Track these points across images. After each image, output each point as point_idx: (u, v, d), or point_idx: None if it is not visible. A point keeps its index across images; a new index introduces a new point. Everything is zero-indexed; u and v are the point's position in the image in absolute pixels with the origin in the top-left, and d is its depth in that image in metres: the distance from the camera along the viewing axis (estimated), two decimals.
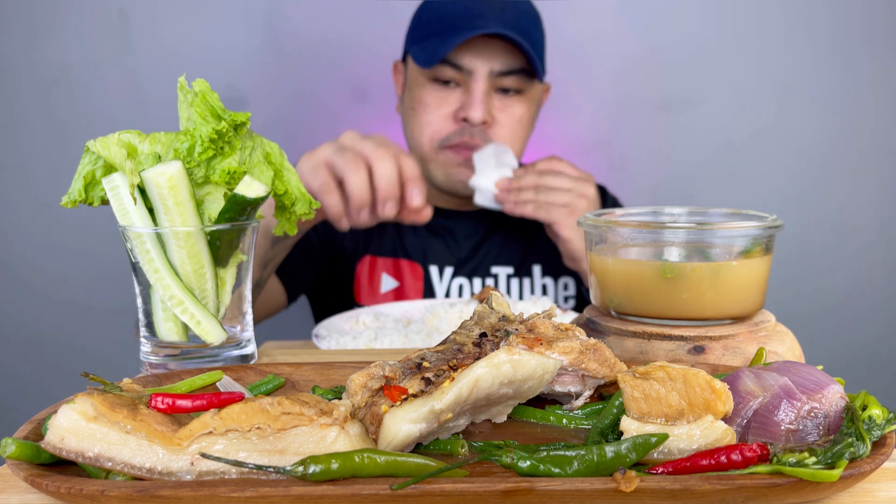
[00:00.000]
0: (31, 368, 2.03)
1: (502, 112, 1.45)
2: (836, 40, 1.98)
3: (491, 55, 1.40)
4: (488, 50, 1.40)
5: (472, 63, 1.40)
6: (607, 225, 0.77)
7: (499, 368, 0.55)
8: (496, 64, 1.40)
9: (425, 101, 1.45)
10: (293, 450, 0.49)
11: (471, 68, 1.40)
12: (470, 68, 1.40)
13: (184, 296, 0.74)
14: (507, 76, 1.41)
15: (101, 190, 0.76)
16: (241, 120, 0.74)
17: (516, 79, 1.42)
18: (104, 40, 1.90)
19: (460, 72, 1.41)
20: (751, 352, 0.71)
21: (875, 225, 2.07)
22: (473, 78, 1.40)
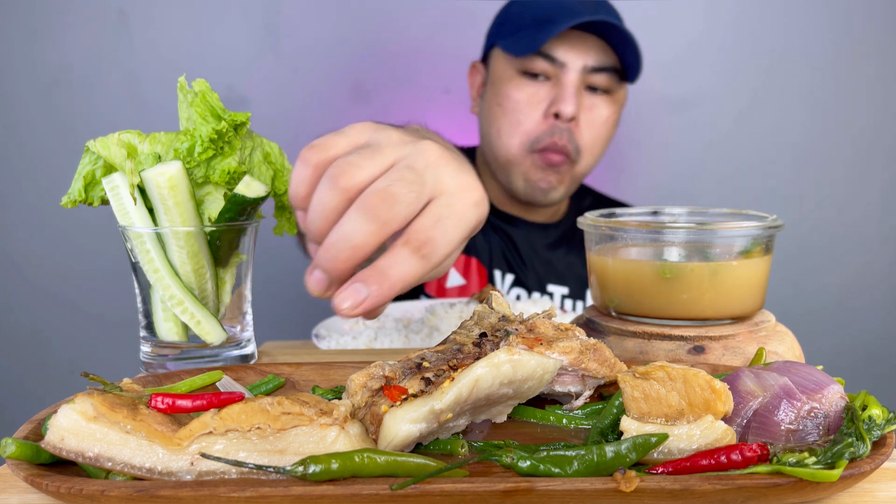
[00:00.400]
0: (31, 368, 2.03)
1: (589, 111, 1.41)
2: (837, 40, 1.98)
3: (585, 49, 1.37)
4: (583, 44, 1.37)
5: (567, 55, 1.37)
6: (607, 225, 0.77)
7: (499, 368, 0.55)
8: (590, 59, 1.38)
9: (515, 97, 1.41)
10: (293, 450, 0.49)
11: (564, 61, 1.37)
12: (563, 60, 1.37)
13: (184, 296, 0.74)
14: (598, 73, 1.39)
15: (101, 190, 0.76)
16: (241, 120, 0.74)
17: (607, 77, 1.40)
18: (104, 40, 1.90)
19: (553, 64, 1.38)
20: (751, 352, 0.71)
21: (875, 225, 2.07)
22: (566, 71, 1.37)
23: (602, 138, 1.45)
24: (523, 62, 1.39)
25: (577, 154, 1.41)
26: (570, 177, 1.45)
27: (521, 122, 1.41)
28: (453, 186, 0.59)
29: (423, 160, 0.59)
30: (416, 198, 0.57)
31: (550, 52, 1.37)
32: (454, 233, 0.58)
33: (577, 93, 1.38)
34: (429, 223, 0.57)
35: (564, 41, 1.37)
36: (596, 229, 0.78)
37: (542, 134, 1.40)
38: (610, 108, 1.44)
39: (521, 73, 1.41)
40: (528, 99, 1.40)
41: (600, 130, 1.43)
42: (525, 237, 1.56)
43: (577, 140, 1.40)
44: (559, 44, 1.37)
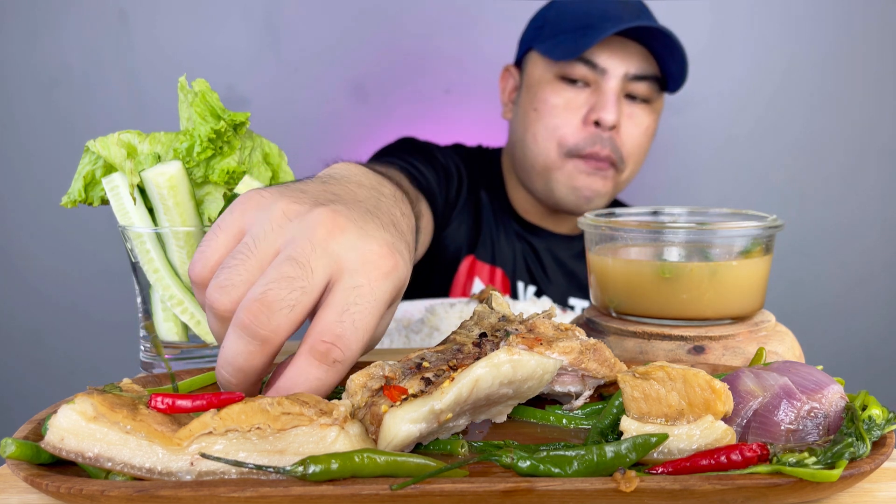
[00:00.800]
0: (31, 368, 2.03)
1: (630, 120, 1.38)
2: (836, 40, 1.98)
3: (627, 57, 1.35)
4: (625, 51, 1.35)
5: (608, 62, 1.34)
6: (607, 225, 0.77)
7: (499, 368, 0.55)
8: (632, 66, 1.35)
9: (552, 102, 1.38)
10: (293, 450, 0.49)
11: (605, 67, 1.34)
12: (604, 67, 1.34)
13: (184, 296, 0.74)
14: (639, 81, 1.36)
15: (100, 190, 0.76)
16: (240, 120, 0.74)
17: (647, 86, 1.37)
18: (104, 40, 1.90)
19: (593, 70, 1.35)
20: (751, 352, 0.71)
21: (875, 225, 2.07)
22: (607, 77, 1.34)
23: (643, 147, 1.42)
24: (563, 67, 1.36)
25: (622, 162, 1.39)
26: (615, 184, 1.42)
27: (559, 127, 1.38)
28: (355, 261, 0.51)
29: (309, 241, 0.50)
30: (302, 296, 0.49)
31: (592, 58, 1.35)
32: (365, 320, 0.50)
33: (618, 100, 1.36)
34: (333, 319, 0.49)
35: (606, 47, 1.35)
36: (596, 229, 0.78)
37: (581, 141, 1.37)
38: (650, 118, 1.41)
39: (559, 79, 1.38)
40: (566, 104, 1.37)
41: (641, 139, 1.41)
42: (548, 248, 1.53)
43: (619, 148, 1.38)
44: (601, 50, 1.35)
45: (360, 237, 0.51)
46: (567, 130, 1.37)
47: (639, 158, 1.43)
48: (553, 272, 1.53)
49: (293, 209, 0.52)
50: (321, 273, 0.49)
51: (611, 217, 0.82)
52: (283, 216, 0.51)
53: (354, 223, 0.52)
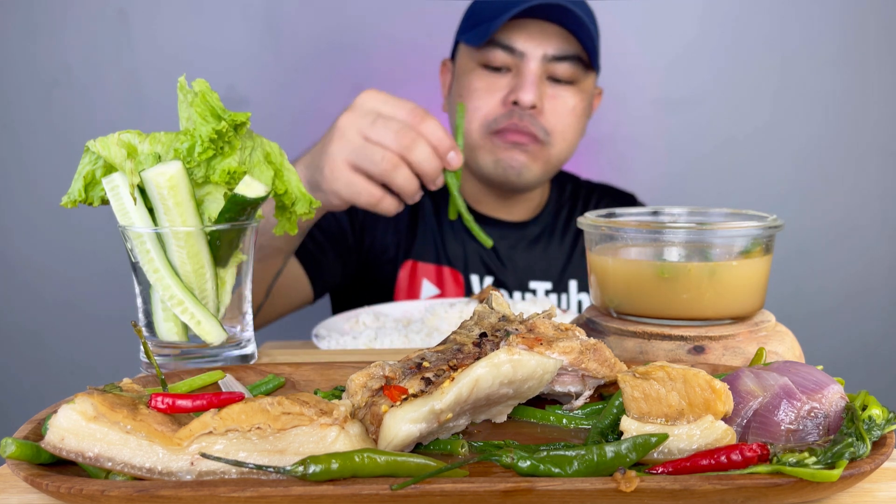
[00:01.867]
0: (31, 368, 2.03)
1: (554, 100, 1.38)
2: (836, 40, 1.98)
3: (545, 39, 1.35)
4: (543, 33, 1.35)
5: (525, 45, 1.35)
6: (607, 225, 0.77)
7: (499, 368, 0.55)
8: (550, 48, 1.35)
9: (474, 87, 1.40)
10: (293, 450, 0.49)
11: (523, 51, 1.35)
12: (522, 51, 1.35)
13: (184, 296, 0.74)
14: (560, 62, 1.36)
15: (101, 190, 0.76)
16: (241, 120, 0.74)
17: (570, 67, 1.37)
18: (104, 40, 1.90)
19: (512, 55, 1.36)
20: (751, 352, 0.71)
21: (875, 225, 2.07)
22: (525, 60, 1.35)
23: (571, 127, 1.42)
24: (484, 54, 1.38)
25: (546, 135, 1.39)
26: (544, 159, 1.42)
27: (480, 108, 1.39)
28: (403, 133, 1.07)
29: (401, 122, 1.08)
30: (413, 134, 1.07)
31: (509, 42, 1.35)
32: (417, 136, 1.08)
33: (538, 82, 1.36)
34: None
35: (523, 30, 1.35)
36: (596, 229, 0.78)
37: (499, 116, 1.38)
38: (576, 98, 1.40)
39: (482, 66, 1.40)
40: (487, 87, 1.38)
41: (568, 119, 1.40)
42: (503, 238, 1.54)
43: (541, 124, 1.38)
44: (518, 33, 1.35)
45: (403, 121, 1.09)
46: (487, 111, 1.39)
47: (568, 136, 1.41)
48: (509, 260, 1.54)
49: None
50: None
51: (611, 217, 0.82)
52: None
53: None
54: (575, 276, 1.54)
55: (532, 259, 1.54)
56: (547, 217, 1.58)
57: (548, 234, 1.56)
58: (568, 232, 1.58)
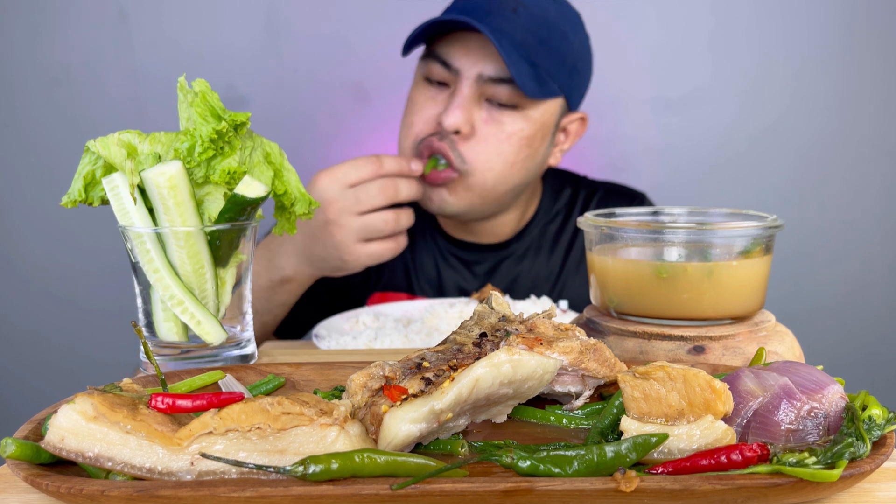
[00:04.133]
0: (31, 368, 2.03)
1: (488, 125, 1.27)
2: (837, 40, 1.98)
3: (482, 58, 1.24)
4: (482, 52, 1.25)
5: (461, 62, 1.26)
6: (607, 225, 0.77)
7: (499, 368, 0.55)
8: (487, 68, 1.24)
9: (413, 100, 1.34)
10: (293, 450, 0.49)
11: (458, 67, 1.26)
12: (458, 67, 1.26)
13: (184, 296, 0.74)
14: (498, 84, 1.24)
15: (101, 190, 0.76)
16: (241, 120, 0.74)
17: (509, 90, 1.24)
18: (105, 40, 1.90)
19: (448, 71, 1.27)
20: (751, 352, 0.71)
21: (875, 225, 2.07)
22: (460, 79, 1.26)
23: (502, 155, 1.28)
24: (427, 67, 1.31)
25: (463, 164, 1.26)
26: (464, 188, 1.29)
27: (413, 124, 1.31)
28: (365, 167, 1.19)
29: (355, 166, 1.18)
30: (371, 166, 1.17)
31: (445, 58, 1.27)
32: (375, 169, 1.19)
33: (468, 104, 1.25)
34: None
35: (462, 47, 1.26)
36: (596, 229, 0.78)
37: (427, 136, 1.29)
38: (517, 125, 1.28)
39: (425, 80, 1.33)
40: (424, 101, 1.31)
41: (500, 146, 1.27)
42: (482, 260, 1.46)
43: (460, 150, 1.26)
44: (457, 48, 1.26)
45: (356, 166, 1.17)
46: (418, 128, 1.30)
47: (495, 166, 1.28)
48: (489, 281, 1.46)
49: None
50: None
51: (611, 217, 0.82)
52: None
53: None
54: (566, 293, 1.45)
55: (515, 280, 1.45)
56: (533, 232, 1.48)
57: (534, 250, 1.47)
58: (559, 243, 1.48)
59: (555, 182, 1.54)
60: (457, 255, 1.47)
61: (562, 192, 1.53)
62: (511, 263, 1.46)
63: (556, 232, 1.49)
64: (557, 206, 1.51)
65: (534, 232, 1.48)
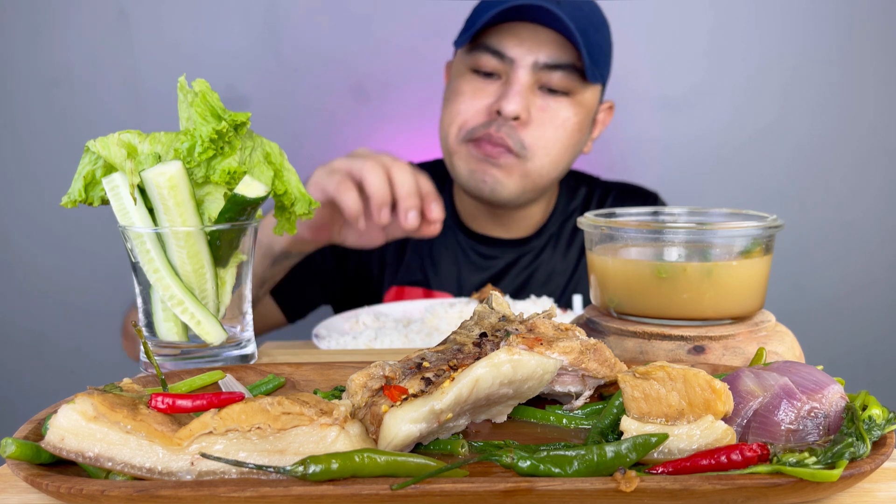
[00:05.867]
0: (31, 368, 2.03)
1: (543, 112, 1.30)
2: (836, 40, 1.98)
3: (537, 45, 1.27)
4: (535, 40, 1.28)
5: (515, 51, 1.28)
6: (607, 225, 0.77)
7: (499, 368, 0.55)
8: (542, 55, 1.27)
9: (460, 91, 1.34)
10: (293, 450, 0.49)
11: (513, 57, 1.28)
12: (512, 57, 1.28)
13: (184, 296, 0.74)
14: (553, 71, 1.28)
15: (101, 190, 0.76)
16: (241, 120, 0.74)
17: (564, 76, 1.29)
18: (104, 40, 1.90)
19: (502, 61, 1.29)
20: (751, 352, 0.71)
21: (875, 224, 2.07)
22: (515, 67, 1.28)
23: (559, 141, 1.33)
24: (474, 59, 1.32)
25: (523, 149, 1.31)
26: (521, 174, 1.33)
27: (461, 113, 1.33)
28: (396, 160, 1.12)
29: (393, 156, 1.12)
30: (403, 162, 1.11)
31: (498, 47, 1.29)
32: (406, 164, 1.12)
33: (526, 92, 1.28)
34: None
35: (515, 35, 1.28)
36: (596, 229, 0.78)
37: (479, 125, 1.32)
38: (570, 111, 1.32)
39: (472, 71, 1.34)
40: (473, 92, 1.33)
41: (556, 132, 1.32)
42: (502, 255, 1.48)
43: (520, 137, 1.30)
44: (509, 38, 1.28)
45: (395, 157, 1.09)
46: (468, 116, 1.32)
47: (552, 151, 1.33)
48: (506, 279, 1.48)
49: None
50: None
51: (611, 217, 0.82)
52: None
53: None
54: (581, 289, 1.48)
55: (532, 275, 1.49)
56: (551, 228, 1.51)
57: (552, 247, 1.50)
58: (575, 241, 1.51)
59: (570, 181, 1.57)
60: (476, 250, 1.49)
61: (577, 191, 1.57)
62: (529, 259, 1.50)
63: (573, 230, 1.52)
64: (574, 205, 1.55)
65: (552, 229, 1.52)
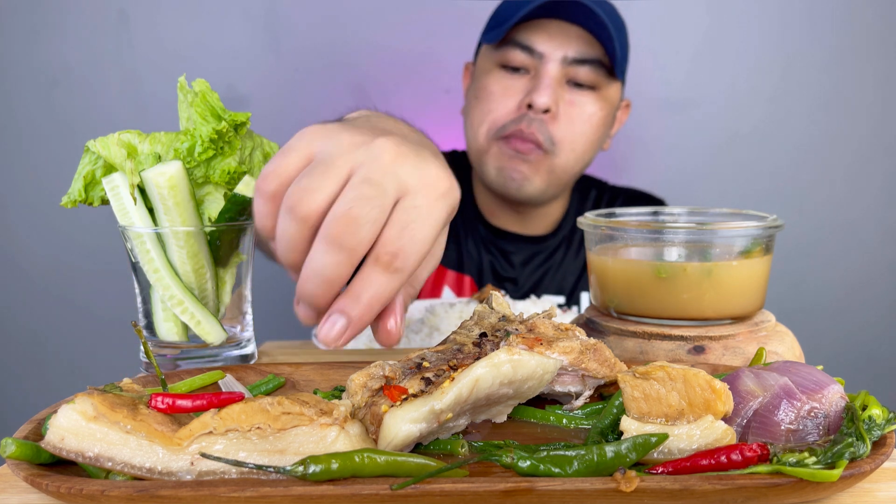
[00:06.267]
0: (31, 368, 2.03)
1: (571, 107, 1.33)
2: (836, 40, 1.99)
3: (566, 40, 1.31)
4: (564, 35, 1.31)
5: (545, 46, 1.31)
6: (607, 225, 0.77)
7: (499, 368, 0.55)
8: (570, 50, 1.30)
9: (490, 89, 1.36)
10: (293, 450, 0.49)
11: (542, 51, 1.31)
12: (542, 51, 1.31)
13: (184, 296, 0.74)
14: (581, 66, 1.31)
15: (101, 190, 0.76)
16: (241, 120, 0.74)
17: (591, 71, 1.32)
18: (104, 40, 1.90)
19: (531, 56, 1.32)
20: (751, 352, 0.71)
21: (875, 224, 2.07)
22: (544, 61, 1.31)
23: (585, 135, 1.36)
24: (503, 55, 1.34)
25: (552, 145, 1.33)
26: (547, 169, 1.36)
27: (492, 111, 1.35)
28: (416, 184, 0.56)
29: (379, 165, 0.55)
30: (380, 213, 0.54)
31: (528, 43, 1.31)
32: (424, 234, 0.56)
33: (556, 85, 1.31)
34: (395, 234, 0.55)
35: (544, 31, 1.31)
36: (596, 229, 0.78)
37: (509, 122, 1.33)
38: (596, 105, 1.35)
39: (500, 67, 1.36)
40: (504, 90, 1.34)
41: (583, 127, 1.35)
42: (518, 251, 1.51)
43: (550, 131, 1.32)
44: (538, 33, 1.31)
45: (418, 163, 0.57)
46: (499, 114, 1.34)
47: (578, 146, 1.36)
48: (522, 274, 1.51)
49: (358, 139, 0.57)
50: (392, 192, 0.55)
51: (611, 217, 0.82)
52: (351, 143, 0.57)
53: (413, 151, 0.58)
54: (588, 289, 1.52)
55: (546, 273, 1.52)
56: (565, 229, 1.55)
57: (564, 247, 1.53)
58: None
59: (581, 183, 1.60)
60: (495, 244, 1.52)
61: (589, 194, 1.61)
62: (543, 257, 1.53)
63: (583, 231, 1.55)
64: (585, 207, 1.59)
65: (565, 229, 1.55)
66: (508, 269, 1.51)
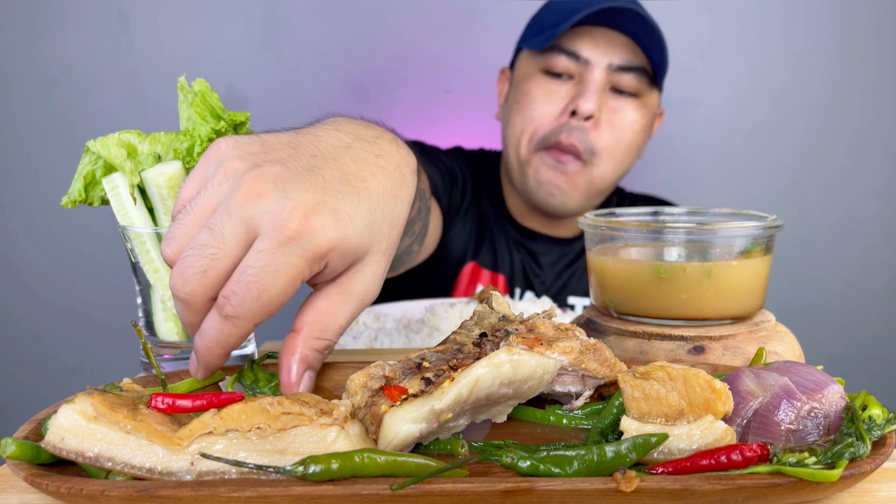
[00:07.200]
0: (31, 369, 2.03)
1: (613, 114, 1.33)
2: (836, 40, 1.99)
3: (611, 47, 1.31)
4: (609, 42, 1.31)
5: (591, 53, 1.31)
6: (607, 225, 0.77)
7: (499, 368, 0.55)
8: (616, 57, 1.31)
9: (532, 95, 1.35)
10: (293, 450, 0.49)
11: (588, 58, 1.31)
12: (587, 58, 1.31)
13: None
14: (625, 73, 1.31)
15: (101, 190, 0.76)
16: (240, 120, 0.74)
17: (635, 79, 1.32)
18: (104, 40, 1.90)
19: (576, 62, 1.32)
20: (751, 352, 0.71)
21: (875, 225, 2.07)
22: (590, 68, 1.30)
23: (625, 143, 1.36)
24: (546, 60, 1.34)
25: (591, 155, 1.33)
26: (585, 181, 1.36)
27: (535, 119, 1.34)
28: (266, 225, 0.51)
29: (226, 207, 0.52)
30: (212, 261, 0.52)
31: (574, 49, 1.31)
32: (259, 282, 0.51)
33: (601, 91, 1.31)
34: (233, 279, 0.52)
35: (589, 38, 1.31)
36: (596, 229, 0.78)
37: (550, 132, 1.33)
38: (637, 113, 1.35)
39: (543, 72, 1.35)
40: (547, 96, 1.34)
41: (624, 135, 1.35)
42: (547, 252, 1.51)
43: (591, 141, 1.32)
44: (583, 40, 1.31)
45: (277, 200, 0.52)
46: (541, 122, 1.34)
47: (618, 154, 1.36)
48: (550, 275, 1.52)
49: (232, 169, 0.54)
50: (233, 239, 0.52)
51: (611, 217, 0.82)
52: (223, 176, 0.54)
53: (277, 185, 0.52)
54: None
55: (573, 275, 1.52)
56: None
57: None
58: None
59: None
60: (524, 245, 1.52)
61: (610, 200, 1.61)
62: (570, 259, 1.53)
63: None
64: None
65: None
66: (537, 269, 1.52)
